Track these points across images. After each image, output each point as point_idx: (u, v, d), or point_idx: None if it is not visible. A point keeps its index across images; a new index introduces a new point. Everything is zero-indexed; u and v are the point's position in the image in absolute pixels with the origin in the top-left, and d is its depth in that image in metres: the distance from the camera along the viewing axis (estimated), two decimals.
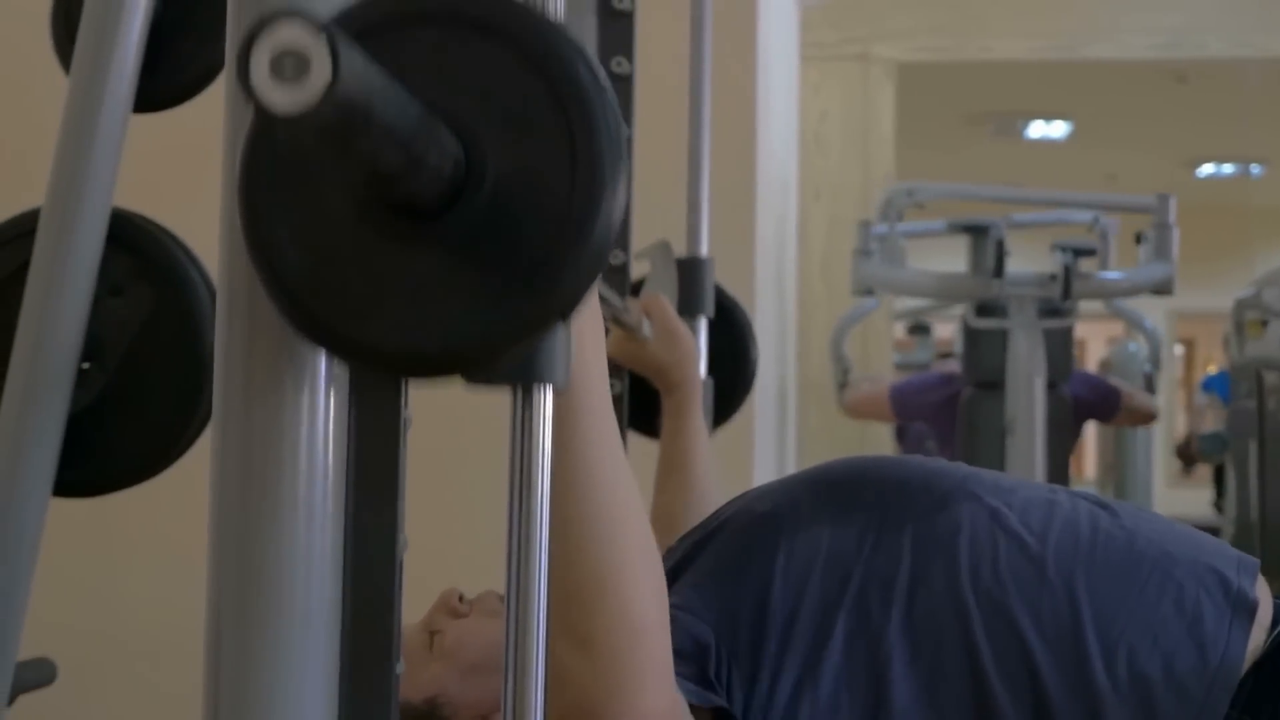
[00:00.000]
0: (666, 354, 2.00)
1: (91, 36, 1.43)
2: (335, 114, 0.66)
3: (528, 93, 0.80)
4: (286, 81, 0.65)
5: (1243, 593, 1.43)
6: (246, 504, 0.85)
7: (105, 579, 3.15)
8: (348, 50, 0.65)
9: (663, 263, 2.15)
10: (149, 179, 1.91)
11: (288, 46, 0.65)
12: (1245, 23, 6.82)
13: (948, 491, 1.49)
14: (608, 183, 0.79)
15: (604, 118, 0.80)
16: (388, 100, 0.70)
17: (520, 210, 0.79)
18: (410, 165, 0.75)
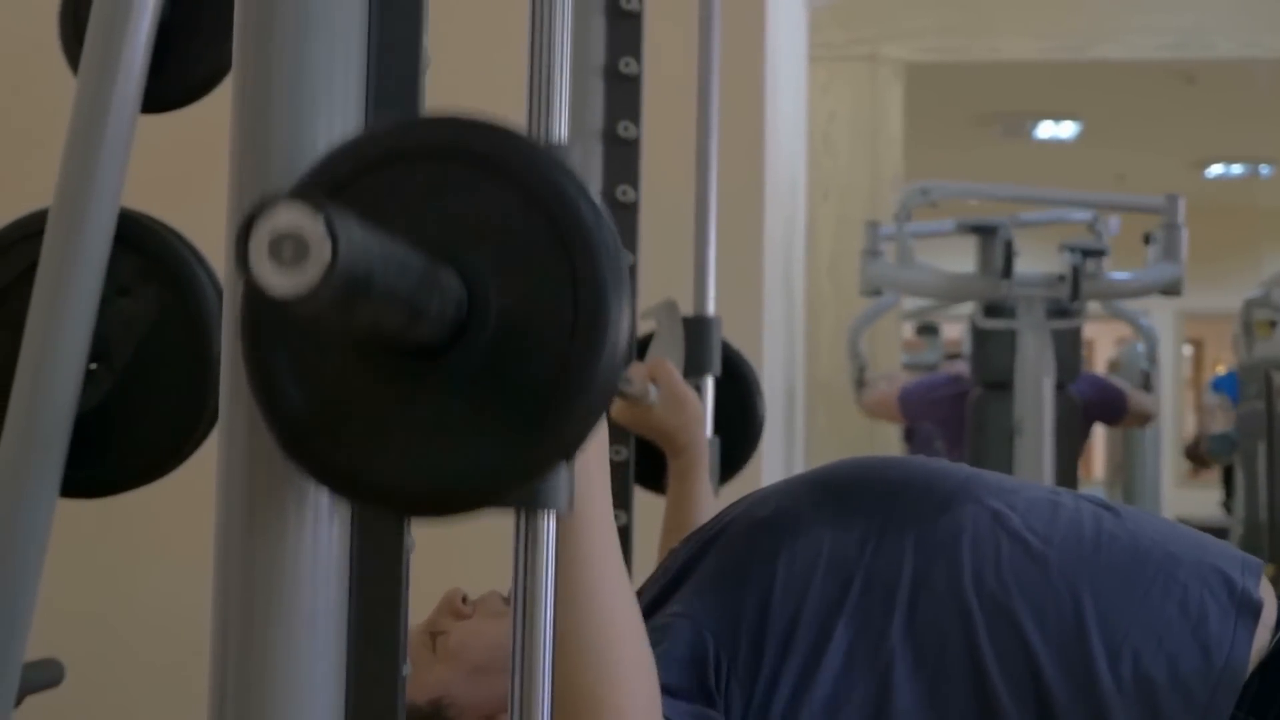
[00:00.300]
0: (672, 419, 1.99)
1: (99, 37, 1.43)
2: (335, 293, 0.66)
3: (530, 230, 0.79)
4: (286, 265, 0.65)
5: (1247, 593, 1.43)
6: (253, 507, 0.85)
7: (114, 580, 3.16)
8: (346, 226, 0.65)
9: (668, 322, 2.14)
10: (157, 179, 1.91)
11: (286, 230, 0.65)
12: (1254, 23, 6.81)
13: (950, 493, 1.49)
14: (611, 322, 0.78)
15: (606, 256, 0.79)
16: (388, 264, 0.70)
17: (524, 350, 0.79)
18: (412, 319, 0.75)
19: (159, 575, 3.08)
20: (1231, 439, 6.67)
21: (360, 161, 0.81)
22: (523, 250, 0.79)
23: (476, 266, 0.79)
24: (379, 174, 0.80)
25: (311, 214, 0.65)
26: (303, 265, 0.65)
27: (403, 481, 0.79)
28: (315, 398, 0.80)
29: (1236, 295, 6.16)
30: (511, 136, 0.80)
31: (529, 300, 0.79)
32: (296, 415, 0.80)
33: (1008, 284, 4.94)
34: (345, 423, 0.80)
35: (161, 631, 2.98)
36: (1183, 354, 13.67)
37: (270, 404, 0.80)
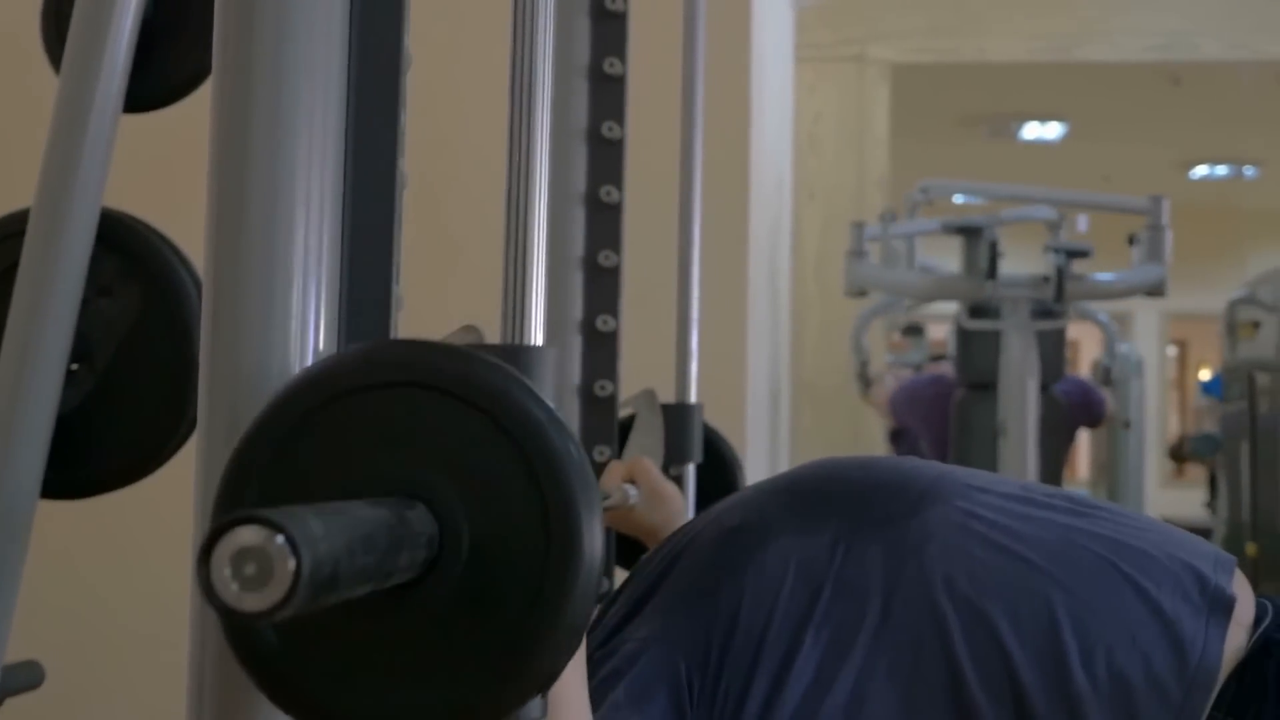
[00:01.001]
0: (654, 516, 1.96)
1: (82, 36, 1.43)
2: (301, 600, 0.66)
3: (495, 454, 0.79)
4: (250, 585, 0.66)
5: (1220, 590, 1.43)
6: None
7: (94, 581, 3.15)
8: (307, 537, 0.66)
9: (647, 412, 2.12)
10: (139, 179, 1.91)
11: (246, 549, 0.66)
12: (1239, 25, 6.82)
13: (919, 495, 1.48)
14: (584, 543, 0.78)
15: (576, 481, 0.79)
16: (354, 553, 0.70)
17: (497, 580, 0.78)
18: (381, 580, 0.75)
19: (141, 577, 3.07)
20: (1215, 439, 6.69)
21: (326, 392, 0.81)
22: (492, 479, 0.79)
23: (446, 498, 0.79)
24: (345, 403, 0.80)
25: (270, 533, 0.66)
26: (267, 584, 0.66)
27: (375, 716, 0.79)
28: (287, 635, 0.79)
29: (1221, 296, 6.18)
30: (477, 362, 0.80)
31: (500, 530, 0.79)
32: (268, 652, 0.80)
33: (993, 285, 4.94)
34: (317, 659, 0.80)
35: (142, 633, 2.97)
36: (1167, 355, 13.69)
37: (241, 641, 0.80)
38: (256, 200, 0.87)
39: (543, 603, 0.78)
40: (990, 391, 5.10)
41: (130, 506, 1.76)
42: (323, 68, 0.88)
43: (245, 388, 0.85)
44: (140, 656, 2.99)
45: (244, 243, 0.88)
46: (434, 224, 2.99)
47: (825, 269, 6.27)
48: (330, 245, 0.89)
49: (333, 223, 0.90)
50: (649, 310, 2.29)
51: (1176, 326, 13.38)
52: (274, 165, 0.86)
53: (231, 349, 0.86)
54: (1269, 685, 1.40)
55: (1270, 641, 1.42)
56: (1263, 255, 10.43)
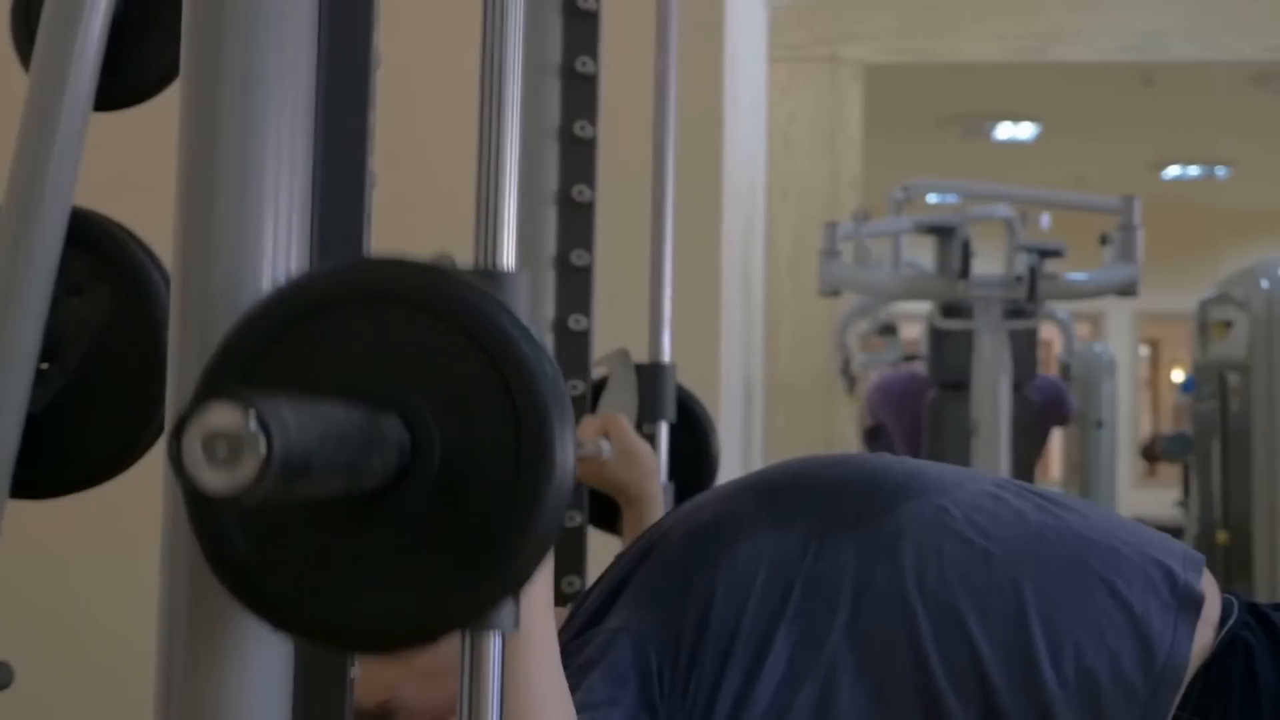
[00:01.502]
0: (626, 473, 1.99)
1: (51, 34, 1.42)
2: (272, 484, 0.66)
3: (468, 368, 0.79)
4: (220, 464, 0.66)
5: (1189, 587, 1.43)
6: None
7: (64, 580, 3.14)
8: (279, 420, 0.66)
9: (621, 371, 2.14)
10: (110, 178, 1.90)
11: (218, 430, 0.66)
12: (1211, 26, 6.85)
13: (891, 492, 1.48)
14: (556, 457, 0.79)
15: (548, 390, 0.79)
16: (326, 444, 0.71)
17: (467, 491, 0.79)
18: (353, 480, 0.75)
19: (111, 576, 3.06)
20: (1186, 439, 6.71)
21: (298, 308, 0.81)
22: (464, 390, 0.79)
23: (418, 408, 0.79)
24: (317, 320, 0.80)
25: (242, 412, 0.66)
26: (237, 464, 0.66)
27: (346, 620, 0.79)
28: (258, 541, 0.79)
29: (1193, 296, 6.20)
30: (448, 278, 0.80)
31: (472, 438, 0.79)
32: (240, 557, 0.80)
33: (965, 284, 4.96)
34: (288, 564, 0.80)
35: (113, 632, 2.96)
36: (1139, 354, 13.73)
37: (213, 547, 0.80)
38: (225, 199, 0.87)
39: (514, 510, 0.78)
40: (963, 391, 5.11)
41: (105, 505, 1.76)
42: (292, 67, 0.88)
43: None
44: (116, 655, 2.98)
45: (213, 242, 0.88)
46: (403, 224, 2.98)
47: (799, 269, 6.28)
48: (299, 245, 0.89)
49: (302, 222, 0.90)
50: (622, 310, 2.29)
51: (1149, 326, 13.42)
52: (243, 164, 0.86)
53: (200, 350, 0.86)
54: (1234, 684, 1.41)
55: (1236, 640, 1.43)
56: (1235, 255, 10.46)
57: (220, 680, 0.85)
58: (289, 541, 0.80)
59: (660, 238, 2.27)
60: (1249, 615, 1.46)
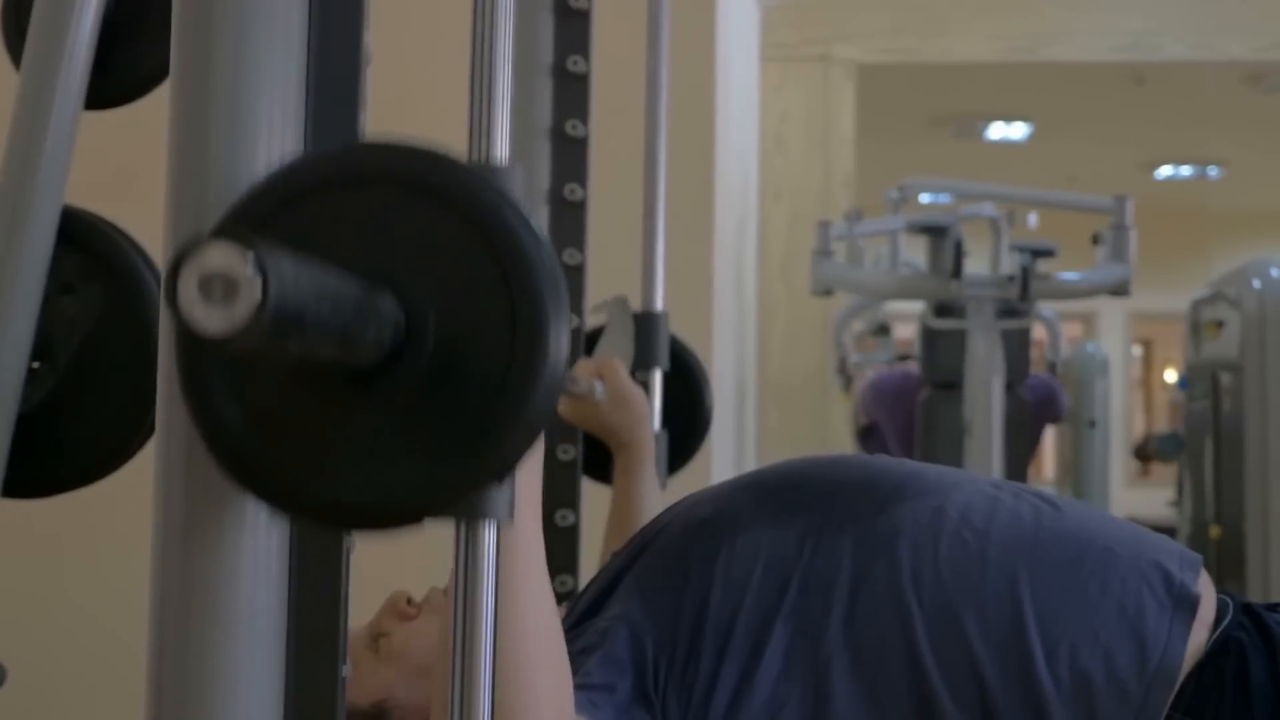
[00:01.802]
0: (618, 418, 2.01)
1: (42, 33, 1.42)
2: (266, 330, 0.66)
3: (468, 254, 0.80)
4: (216, 304, 0.65)
5: (1185, 588, 1.43)
6: (190, 506, 0.84)
7: (56, 580, 3.13)
8: (276, 264, 0.66)
9: (618, 318, 2.15)
10: (101, 177, 1.90)
11: (215, 270, 0.65)
12: (1203, 26, 6.85)
13: (888, 492, 1.49)
14: (550, 342, 0.79)
15: (544, 276, 0.80)
16: (321, 298, 0.71)
17: (461, 371, 0.79)
18: (347, 348, 0.75)
19: (103, 576, 3.06)
20: (1178, 439, 6.71)
21: (297, 188, 0.81)
22: (461, 273, 0.80)
23: (414, 290, 0.80)
24: (316, 201, 0.81)
25: (240, 253, 0.65)
26: (232, 304, 0.65)
27: (340, 498, 0.80)
28: (253, 419, 0.80)
29: (1185, 296, 6.19)
30: (448, 162, 0.81)
31: (467, 322, 0.80)
32: (234, 436, 0.80)
33: (957, 284, 4.95)
34: (283, 442, 0.80)
35: (106, 632, 2.96)
36: (1132, 354, 13.73)
37: (208, 425, 0.81)
38: (216, 198, 0.87)
39: (507, 394, 0.79)
40: (956, 391, 5.11)
41: (94, 504, 1.75)
42: (282, 65, 0.88)
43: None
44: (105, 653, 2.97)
45: None
46: None
47: (791, 269, 6.27)
48: None
49: None
50: None
51: (1142, 326, 13.42)
52: (233, 162, 0.86)
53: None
54: (1226, 684, 1.41)
55: (1229, 640, 1.43)
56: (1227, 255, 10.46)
57: (211, 682, 0.85)
58: (283, 419, 0.80)
59: (652, 237, 2.27)
60: (1243, 616, 1.46)
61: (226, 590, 0.84)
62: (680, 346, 2.32)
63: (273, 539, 0.86)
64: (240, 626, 0.84)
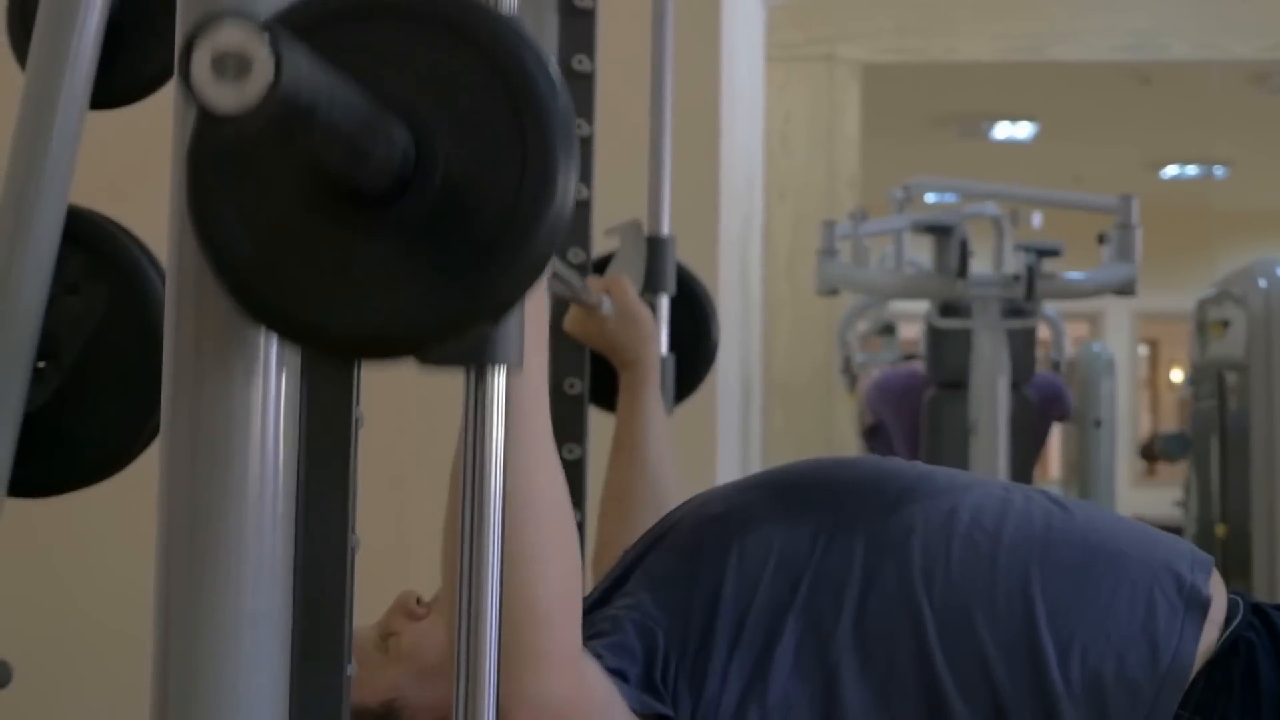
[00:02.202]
0: (625, 335, 2.01)
1: (48, 32, 1.42)
2: (277, 113, 0.66)
3: (480, 86, 0.80)
4: (228, 81, 0.65)
5: (1196, 589, 1.44)
6: (195, 502, 0.84)
7: (61, 579, 3.14)
8: (290, 49, 0.65)
9: (632, 241, 2.16)
10: (106, 176, 1.90)
11: (229, 47, 0.65)
12: (1208, 25, 6.85)
13: (901, 493, 1.49)
14: (558, 179, 0.80)
15: (557, 118, 0.80)
16: (333, 99, 0.71)
17: (470, 201, 0.80)
18: (357, 159, 0.75)
19: (108, 575, 3.06)
20: (1184, 439, 6.71)
21: (318, 14, 0.81)
22: (474, 108, 0.80)
23: (427, 119, 0.80)
24: (336, 27, 0.80)
25: (255, 31, 0.65)
26: (245, 81, 0.64)
27: (347, 324, 0.80)
28: (262, 244, 0.80)
29: (1191, 296, 6.19)
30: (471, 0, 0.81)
31: (477, 156, 0.80)
32: (243, 262, 0.80)
33: (963, 284, 4.95)
34: (292, 269, 0.80)
35: (112, 629, 2.96)
36: (1138, 354, 13.73)
37: (217, 251, 0.81)
38: None
39: (511, 230, 0.79)
40: (961, 390, 5.11)
41: (99, 503, 1.76)
42: None
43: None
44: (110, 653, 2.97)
45: None
46: None
47: (797, 268, 6.27)
48: None
49: None
50: None
51: (1147, 326, 13.42)
52: None
53: (196, 348, 0.86)
54: (1235, 684, 1.41)
55: (1239, 640, 1.43)
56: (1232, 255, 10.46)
57: (215, 680, 0.85)
58: (291, 245, 0.80)
59: (657, 217, 2.28)
60: (1253, 616, 1.46)
61: (230, 587, 0.84)
62: (688, 275, 2.33)
63: (278, 531, 0.86)
64: (244, 626, 0.84)
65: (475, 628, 0.89)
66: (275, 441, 0.86)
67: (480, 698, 0.89)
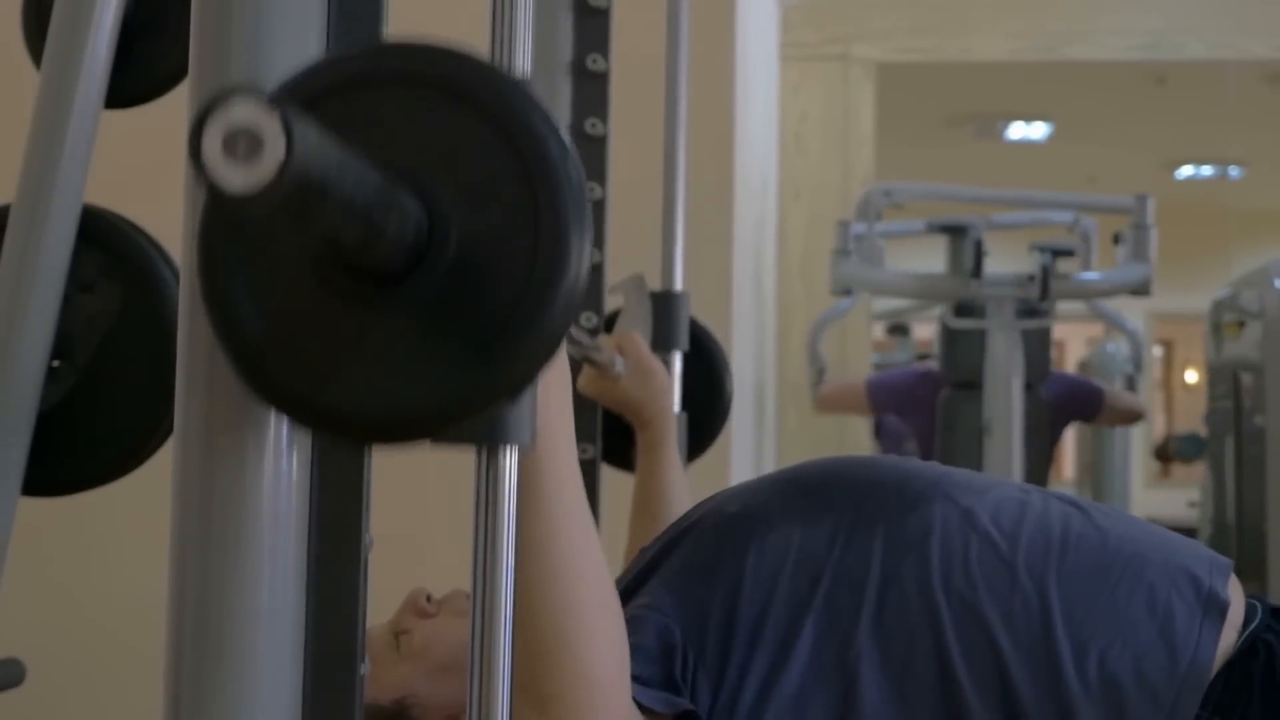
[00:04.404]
0: (640, 391, 1.99)
1: (63, 32, 1.42)
2: (289, 192, 0.65)
3: (493, 158, 0.79)
4: (239, 160, 0.64)
5: (1214, 593, 1.43)
6: (209, 510, 0.84)
7: (75, 578, 3.14)
8: (302, 126, 0.64)
9: (636, 296, 2.14)
10: (120, 175, 1.90)
11: (240, 125, 0.64)
12: (1224, 25, 6.83)
13: (919, 492, 1.49)
14: (571, 255, 0.78)
15: (569, 187, 0.79)
16: (345, 174, 0.69)
17: (483, 277, 0.78)
18: (370, 235, 0.74)
19: (121, 573, 3.06)
20: (1199, 440, 6.69)
21: (326, 84, 0.80)
22: (486, 178, 0.79)
23: (438, 191, 0.79)
24: (345, 97, 0.80)
25: (266, 109, 0.64)
26: (257, 160, 0.64)
27: (359, 407, 0.79)
28: (272, 321, 0.79)
29: (1206, 296, 6.18)
30: (481, 66, 0.80)
31: (490, 228, 0.79)
32: (253, 340, 0.80)
33: (977, 284, 4.94)
34: (302, 347, 0.79)
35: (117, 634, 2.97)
36: (1153, 355, 13.71)
37: (227, 328, 0.80)
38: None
39: (525, 307, 0.78)
40: (975, 391, 5.10)
41: (106, 506, 1.76)
42: (300, 62, 0.88)
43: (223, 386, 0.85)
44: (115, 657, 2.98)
45: None
46: None
47: (811, 269, 6.26)
48: None
49: None
50: None
51: (1162, 327, 13.39)
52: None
53: (210, 347, 0.86)
54: (1255, 685, 1.41)
55: (1258, 641, 1.43)
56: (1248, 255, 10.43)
57: (229, 681, 0.84)
58: (301, 323, 0.79)
59: (671, 236, 2.27)
60: (1272, 619, 1.46)
61: (244, 588, 0.84)
62: (700, 330, 2.32)
63: (290, 535, 0.86)
64: (258, 624, 0.84)
65: (489, 630, 0.89)
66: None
67: (495, 696, 0.89)
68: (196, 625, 0.85)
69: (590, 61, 2.07)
